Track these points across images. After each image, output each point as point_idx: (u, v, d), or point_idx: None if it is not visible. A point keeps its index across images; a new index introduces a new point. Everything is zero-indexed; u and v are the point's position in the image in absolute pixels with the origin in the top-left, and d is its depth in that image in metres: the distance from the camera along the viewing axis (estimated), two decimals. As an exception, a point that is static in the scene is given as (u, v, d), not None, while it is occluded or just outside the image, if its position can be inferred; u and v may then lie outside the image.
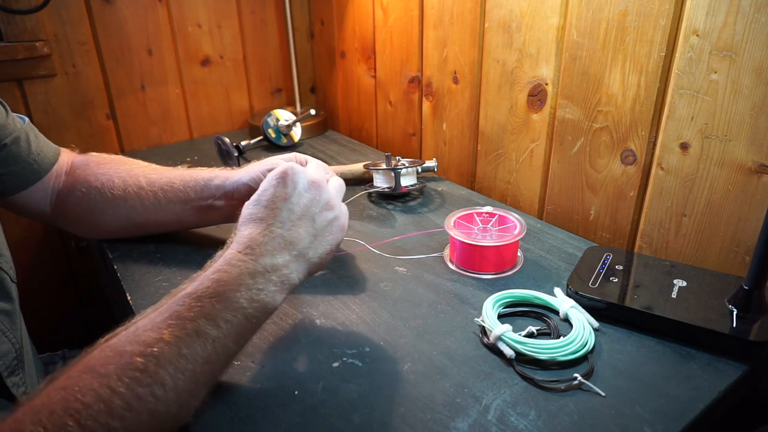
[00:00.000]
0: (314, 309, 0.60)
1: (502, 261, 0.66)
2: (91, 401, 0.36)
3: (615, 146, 0.72)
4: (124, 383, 0.37)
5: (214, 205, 0.66)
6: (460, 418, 0.44)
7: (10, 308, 0.54)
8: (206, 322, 0.42)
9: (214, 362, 0.42)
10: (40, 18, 0.99)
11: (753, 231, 0.60)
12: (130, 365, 0.38)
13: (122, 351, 0.39)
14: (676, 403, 0.45)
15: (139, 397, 0.37)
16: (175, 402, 0.39)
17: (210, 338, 0.41)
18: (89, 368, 0.38)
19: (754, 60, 0.56)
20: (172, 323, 0.41)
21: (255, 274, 0.45)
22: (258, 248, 0.46)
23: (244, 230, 0.48)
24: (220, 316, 0.42)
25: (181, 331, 0.41)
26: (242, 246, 0.47)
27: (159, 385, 0.38)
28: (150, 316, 0.42)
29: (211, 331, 0.42)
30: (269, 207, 0.49)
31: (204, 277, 0.44)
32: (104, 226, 0.70)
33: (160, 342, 0.40)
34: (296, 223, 0.49)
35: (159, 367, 0.39)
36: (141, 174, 0.68)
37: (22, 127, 0.65)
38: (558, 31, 0.75)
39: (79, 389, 0.36)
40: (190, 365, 0.40)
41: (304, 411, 0.46)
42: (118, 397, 0.37)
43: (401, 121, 1.12)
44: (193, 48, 1.20)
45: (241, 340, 0.45)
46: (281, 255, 0.47)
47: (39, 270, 1.13)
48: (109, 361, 0.39)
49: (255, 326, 0.46)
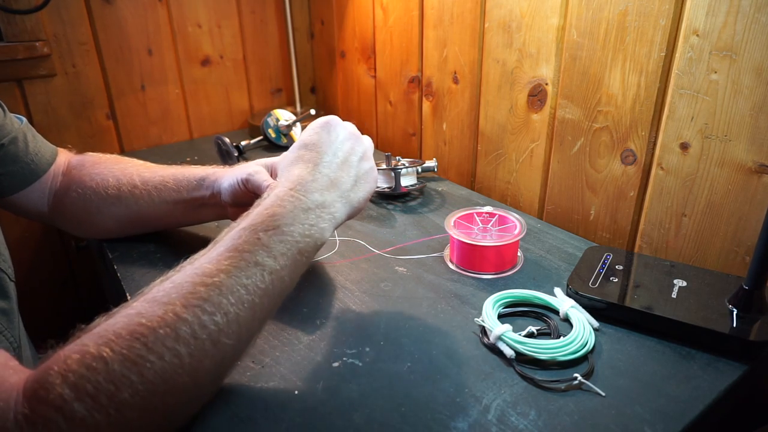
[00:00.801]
0: (314, 309, 0.60)
1: (502, 261, 0.66)
2: (157, 326, 0.36)
3: (615, 146, 0.72)
4: (189, 310, 0.38)
5: (207, 203, 0.67)
6: (460, 418, 0.44)
7: (8, 307, 0.54)
8: (265, 254, 0.43)
9: (271, 295, 0.43)
10: (40, 18, 0.99)
11: (753, 231, 0.60)
12: (193, 294, 0.39)
13: (183, 282, 0.40)
14: (676, 403, 0.45)
15: (203, 325, 0.38)
16: (235, 334, 0.40)
17: (268, 270, 0.42)
18: (149, 299, 0.39)
19: (754, 60, 0.56)
20: (231, 255, 0.42)
21: (307, 209, 0.47)
22: (308, 185, 0.49)
23: (293, 169, 0.50)
24: (277, 248, 0.43)
25: (240, 261, 0.41)
26: (293, 183, 0.48)
27: (222, 314, 0.39)
28: (207, 253, 0.43)
29: (269, 262, 0.43)
30: (315, 150, 0.52)
31: (257, 213, 0.46)
32: (100, 226, 0.71)
33: (221, 273, 0.40)
34: (340, 166, 0.52)
35: (221, 296, 0.39)
36: (135, 173, 0.69)
37: (20, 128, 0.65)
38: (558, 31, 0.75)
39: (143, 315, 0.37)
40: (250, 296, 0.41)
41: (304, 411, 0.46)
42: (184, 323, 0.37)
43: (401, 121, 1.12)
44: (193, 48, 1.20)
45: (294, 275, 0.46)
46: (329, 193, 0.50)
47: (39, 270, 1.13)
48: (171, 292, 0.39)
49: (306, 261, 0.47)
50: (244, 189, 0.62)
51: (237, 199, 0.63)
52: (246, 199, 0.63)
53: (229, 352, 0.40)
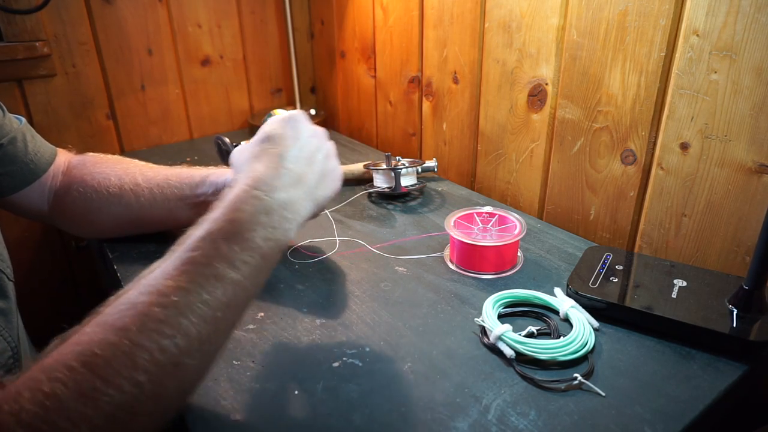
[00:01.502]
0: (314, 309, 0.60)
1: (502, 261, 0.66)
2: (111, 356, 0.34)
3: (615, 146, 0.72)
4: (146, 335, 0.35)
5: (209, 202, 0.66)
6: (460, 418, 0.44)
7: (7, 307, 0.54)
8: (225, 266, 0.39)
9: (234, 307, 0.40)
10: (40, 18, 0.99)
11: (753, 231, 0.60)
12: (149, 317, 0.36)
13: (137, 302, 0.37)
14: (676, 403, 0.45)
15: (163, 349, 0.35)
16: (198, 352, 0.38)
17: (229, 282, 0.39)
18: (103, 324, 0.36)
19: (754, 60, 0.56)
20: (188, 269, 0.38)
21: (270, 211, 0.43)
22: (272, 183, 0.45)
23: (255, 165, 0.47)
24: (238, 257, 0.40)
25: (199, 277, 0.38)
26: (255, 181, 0.44)
27: (182, 336, 0.36)
28: (161, 267, 0.40)
29: (230, 274, 0.39)
30: (280, 144, 0.49)
31: (215, 218, 0.42)
32: (101, 225, 0.71)
33: (178, 290, 0.37)
34: (306, 162, 0.50)
35: (181, 317, 0.37)
36: (137, 171, 0.69)
37: (19, 128, 0.65)
38: (558, 31, 0.75)
39: (95, 344, 0.34)
40: (212, 311, 0.38)
41: (304, 411, 0.46)
42: (141, 350, 0.35)
43: (401, 121, 1.12)
44: (193, 48, 1.20)
45: (258, 281, 0.43)
46: (295, 190, 0.46)
47: (39, 270, 1.13)
48: (125, 314, 0.36)
49: (270, 265, 0.44)
50: None
51: None
52: None
53: (192, 370, 0.38)
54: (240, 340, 0.54)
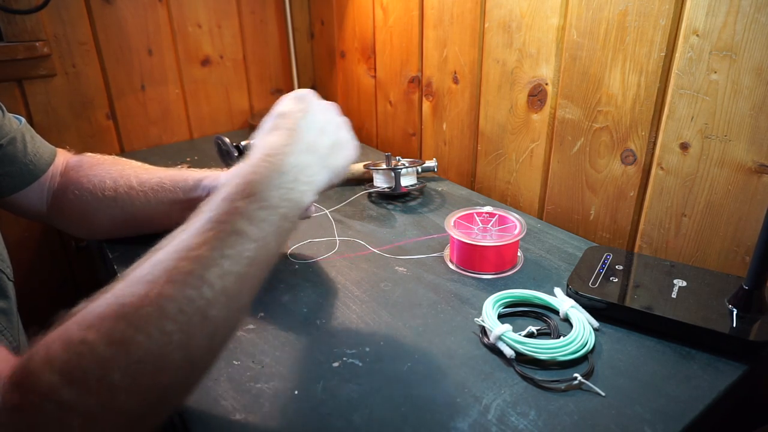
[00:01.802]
0: (314, 309, 0.60)
1: (502, 261, 0.66)
2: (141, 304, 0.35)
3: (615, 146, 0.72)
4: (173, 286, 0.37)
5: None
6: (460, 418, 0.44)
7: (7, 307, 0.54)
8: (245, 222, 0.41)
9: (257, 264, 0.42)
10: (40, 18, 0.99)
11: (753, 231, 0.60)
12: (176, 269, 0.38)
13: (164, 259, 0.39)
14: (676, 403, 0.45)
15: (189, 299, 0.37)
16: (224, 305, 0.39)
17: (250, 238, 0.41)
18: (132, 279, 0.38)
19: (754, 60, 0.56)
20: (211, 227, 0.40)
21: (284, 172, 0.45)
22: (283, 149, 0.47)
23: (268, 137, 0.49)
24: (257, 215, 0.42)
25: (221, 232, 0.40)
26: (267, 149, 0.47)
27: (208, 287, 0.38)
28: (187, 228, 0.42)
29: (251, 230, 0.41)
30: (289, 117, 0.50)
31: (233, 183, 0.44)
32: (98, 227, 0.71)
33: (203, 245, 0.39)
34: (318, 132, 0.51)
35: (205, 269, 0.38)
36: (132, 174, 0.69)
37: (19, 128, 0.65)
38: (558, 31, 0.75)
39: (125, 295, 0.36)
40: (236, 266, 0.40)
41: (304, 411, 0.46)
42: (169, 299, 0.36)
43: (401, 121, 1.12)
44: (193, 48, 1.20)
45: (279, 241, 0.44)
46: (306, 156, 0.48)
47: (39, 270, 1.13)
48: (154, 269, 0.38)
49: (290, 227, 0.45)
50: None
51: None
52: None
53: (220, 324, 0.39)
54: (240, 340, 0.55)
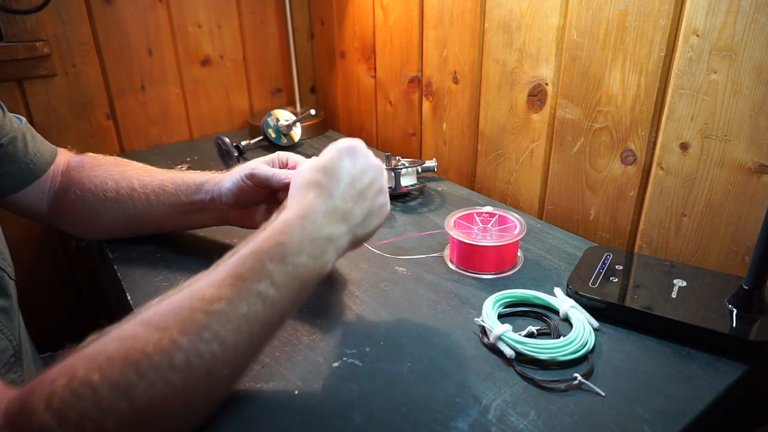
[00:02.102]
0: (314, 309, 0.60)
1: (502, 261, 0.66)
2: (152, 352, 0.35)
3: (615, 146, 0.72)
4: (186, 338, 0.36)
5: (205, 208, 0.66)
6: (460, 418, 0.44)
7: (8, 305, 0.54)
8: (268, 284, 0.41)
9: (269, 325, 0.42)
10: (40, 18, 0.99)
11: (753, 231, 0.60)
12: (191, 320, 0.37)
13: (181, 307, 0.39)
14: (676, 403, 0.45)
15: (199, 354, 0.37)
16: (231, 363, 0.39)
17: (270, 300, 0.41)
18: (145, 322, 0.38)
19: (754, 60, 0.56)
20: (233, 282, 0.40)
21: (314, 240, 0.45)
22: (319, 216, 0.46)
23: (306, 194, 0.48)
24: (280, 279, 0.42)
25: (242, 290, 0.40)
26: (304, 210, 0.46)
27: (219, 343, 0.38)
28: (206, 276, 0.42)
29: (271, 292, 0.41)
30: (332, 176, 0.49)
31: (264, 237, 0.44)
32: (98, 227, 0.71)
33: (222, 300, 0.39)
34: (356, 199, 0.50)
35: (220, 325, 0.38)
36: (134, 176, 0.69)
37: (19, 128, 0.65)
38: (558, 31, 0.75)
39: (137, 339, 0.36)
40: (249, 326, 0.40)
41: (304, 411, 0.46)
42: (179, 351, 0.36)
43: (401, 121, 1.12)
44: (193, 48, 1.20)
45: (295, 305, 0.44)
46: (339, 226, 0.48)
47: (39, 269, 1.13)
48: (169, 316, 0.38)
49: (307, 292, 0.46)
50: (248, 185, 0.62)
51: (240, 198, 0.63)
52: (250, 197, 0.63)
53: (223, 380, 0.40)
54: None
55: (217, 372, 0.38)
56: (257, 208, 0.67)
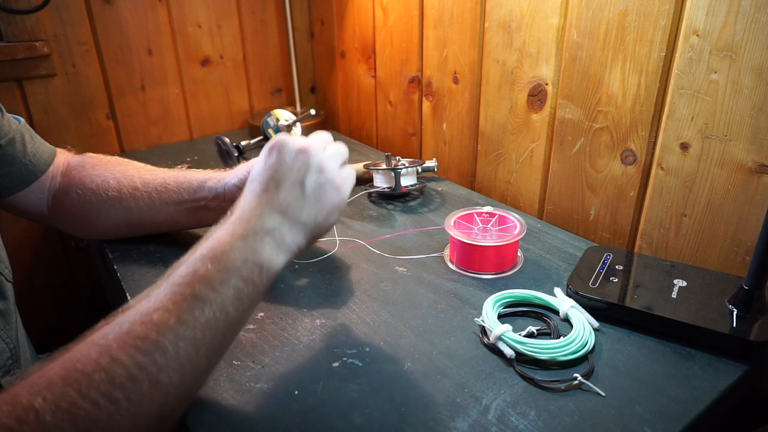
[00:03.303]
0: (314, 309, 0.60)
1: (502, 261, 0.66)
2: (90, 370, 0.35)
3: (615, 146, 0.72)
4: (125, 351, 0.36)
5: (208, 207, 0.66)
6: (460, 418, 0.44)
7: (5, 308, 0.54)
8: (202, 286, 0.41)
9: (214, 329, 0.41)
10: (40, 18, 0.99)
11: (753, 231, 0.60)
12: (129, 333, 0.37)
13: (121, 322, 0.39)
14: (676, 403, 0.45)
15: (140, 366, 0.36)
16: (177, 372, 0.38)
17: (208, 302, 0.41)
18: (87, 341, 0.37)
19: (754, 60, 0.56)
20: (169, 291, 0.41)
21: (246, 236, 0.45)
22: (248, 214, 0.47)
23: (239, 203, 0.50)
24: (215, 278, 0.42)
25: (178, 296, 0.40)
26: (234, 216, 0.48)
27: (160, 353, 0.37)
28: (150, 293, 0.42)
29: (208, 293, 0.41)
30: (260, 179, 0.50)
31: (197, 247, 0.45)
32: (100, 227, 0.71)
33: (158, 310, 0.39)
34: (286, 189, 0.50)
35: (159, 335, 0.38)
36: (136, 175, 0.69)
37: (18, 128, 0.65)
38: (558, 31, 0.75)
39: (78, 360, 0.35)
40: (190, 331, 0.39)
41: (304, 411, 0.46)
42: (119, 366, 0.36)
43: (401, 121, 1.12)
44: (193, 48, 1.20)
45: (240, 306, 0.43)
46: (271, 218, 0.48)
47: (38, 270, 1.13)
48: (108, 332, 0.38)
49: (254, 291, 0.45)
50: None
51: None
52: None
53: (172, 391, 0.38)
54: (240, 340, 0.54)
55: (162, 383, 0.37)
56: None
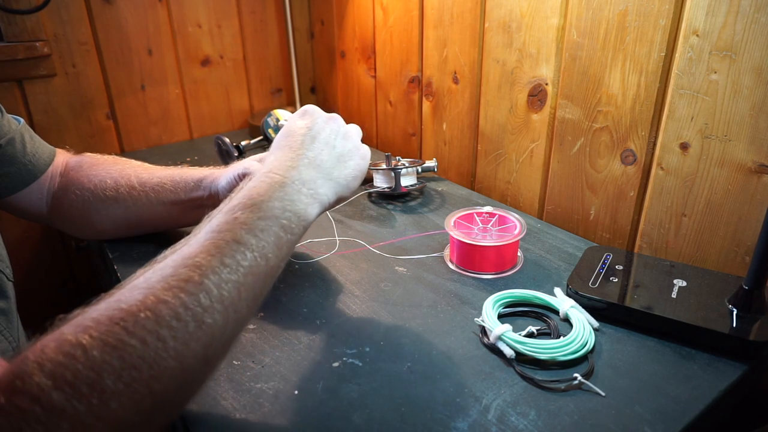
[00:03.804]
0: (314, 309, 0.60)
1: (502, 261, 0.66)
2: (136, 309, 0.35)
3: (615, 146, 0.72)
4: (169, 292, 0.37)
5: (204, 205, 0.66)
6: (460, 418, 0.44)
7: (6, 307, 0.54)
8: (244, 231, 0.42)
9: (255, 274, 0.42)
10: (40, 18, 0.99)
11: (753, 231, 0.60)
12: (173, 275, 0.38)
13: (163, 266, 0.39)
14: (676, 403, 0.45)
15: (185, 306, 0.37)
16: (221, 313, 0.39)
17: (249, 247, 0.42)
18: (130, 286, 0.38)
19: (754, 60, 0.56)
20: (210, 236, 0.41)
21: (284, 185, 0.47)
22: (285, 165, 0.49)
23: (271, 156, 0.51)
24: (257, 225, 0.43)
25: (220, 241, 0.41)
26: (269, 166, 0.49)
27: (204, 294, 0.38)
28: (188, 240, 0.43)
29: (249, 239, 0.42)
30: (292, 135, 0.52)
31: (235, 197, 0.45)
32: (98, 227, 0.71)
33: (201, 253, 0.40)
34: (320, 147, 0.52)
35: (203, 276, 0.38)
36: (133, 174, 0.69)
37: (18, 129, 0.65)
38: (558, 31, 0.75)
39: (123, 300, 0.36)
40: (233, 275, 0.40)
41: (304, 411, 0.46)
42: (165, 305, 0.36)
43: (401, 121, 1.12)
44: (193, 48, 1.20)
45: (280, 253, 0.45)
46: (308, 171, 0.50)
47: (39, 270, 1.13)
48: (151, 276, 0.38)
49: (291, 239, 0.46)
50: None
51: None
52: None
53: (216, 333, 0.39)
54: (240, 340, 0.55)
55: (207, 323, 0.38)
56: None
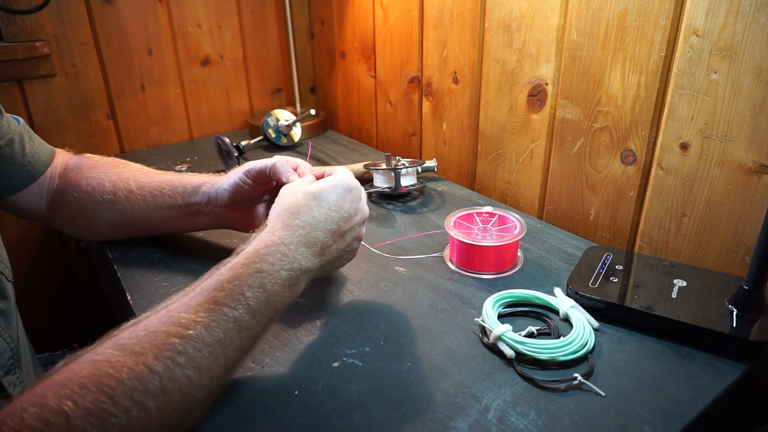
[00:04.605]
0: (314, 309, 0.60)
1: (502, 261, 0.66)
2: (126, 377, 0.35)
3: (615, 146, 0.72)
4: (161, 362, 0.37)
5: (201, 211, 0.66)
6: (460, 418, 0.44)
7: (6, 307, 0.54)
8: (244, 311, 0.42)
9: (242, 350, 0.43)
10: (40, 18, 0.99)
11: (753, 231, 0.60)
12: (166, 345, 0.38)
13: (156, 331, 0.39)
14: (676, 403, 0.45)
15: (174, 378, 0.37)
16: (206, 387, 0.39)
17: (245, 326, 0.42)
18: (120, 346, 0.37)
19: (754, 60, 0.56)
20: (210, 308, 0.41)
21: (292, 270, 0.47)
22: (301, 246, 0.48)
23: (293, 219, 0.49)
24: (256, 306, 0.43)
25: (220, 316, 0.41)
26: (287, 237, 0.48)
27: (194, 368, 0.38)
28: (182, 300, 0.42)
29: (247, 319, 0.42)
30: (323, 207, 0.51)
31: (243, 263, 0.45)
32: (96, 229, 0.71)
33: (198, 325, 0.39)
34: (337, 238, 0.52)
35: (196, 351, 0.38)
36: (131, 178, 0.68)
37: (17, 129, 0.65)
38: (558, 31, 0.75)
39: (112, 365, 0.35)
40: (224, 350, 0.40)
41: (304, 411, 0.46)
42: (155, 377, 0.36)
43: (401, 121, 1.12)
44: (193, 48, 1.20)
45: (267, 329, 0.46)
46: (315, 260, 0.50)
47: (38, 270, 1.13)
48: (144, 341, 0.38)
49: (279, 317, 0.47)
50: (246, 182, 0.61)
51: (236, 198, 0.63)
52: (246, 196, 0.63)
53: (198, 403, 0.40)
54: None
55: (192, 396, 0.38)
56: (254, 211, 0.66)
